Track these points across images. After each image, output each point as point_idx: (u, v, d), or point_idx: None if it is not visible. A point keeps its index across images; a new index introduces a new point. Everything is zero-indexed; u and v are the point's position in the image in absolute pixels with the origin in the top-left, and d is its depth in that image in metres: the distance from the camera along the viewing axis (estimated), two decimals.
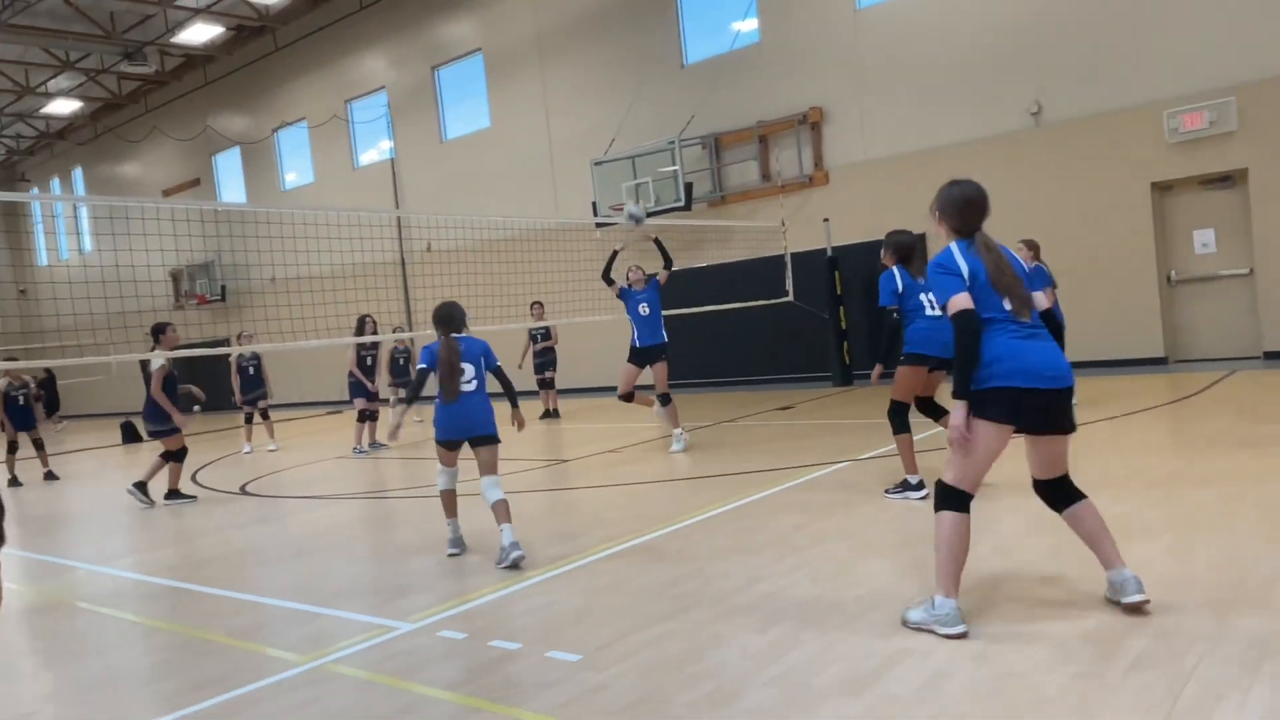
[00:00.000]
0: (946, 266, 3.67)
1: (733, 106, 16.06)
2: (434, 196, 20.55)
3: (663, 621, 4.10)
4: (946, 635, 3.55)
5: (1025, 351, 3.58)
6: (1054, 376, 3.58)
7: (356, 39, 21.96)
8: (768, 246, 15.13)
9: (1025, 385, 3.54)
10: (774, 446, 9.14)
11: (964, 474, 3.66)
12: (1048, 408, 3.61)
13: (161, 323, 9.23)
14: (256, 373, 13.87)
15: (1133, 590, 3.60)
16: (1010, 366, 3.55)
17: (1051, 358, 3.61)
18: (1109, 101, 12.61)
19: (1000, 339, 3.60)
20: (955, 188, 3.84)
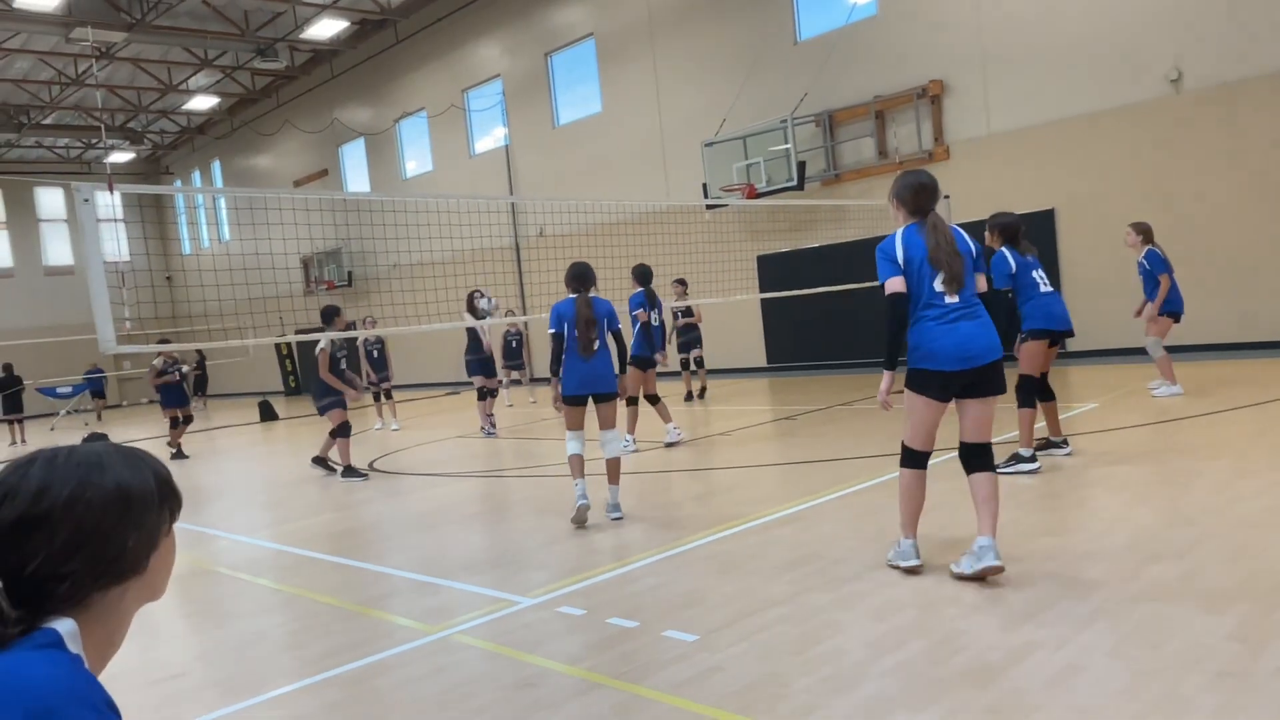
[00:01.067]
0: (886, 252, 4.25)
1: (848, 82, 15.68)
2: (547, 182, 20.88)
3: (779, 605, 4.10)
4: (905, 568, 4.30)
5: (945, 335, 4.10)
6: (969, 358, 4.10)
7: (472, 29, 22.45)
8: (884, 226, 14.73)
9: (942, 369, 4.13)
10: (889, 431, 8.93)
11: (914, 435, 4.34)
12: (970, 382, 4.16)
13: (333, 305, 9.62)
14: (380, 355, 14.45)
15: (987, 557, 4.05)
16: (930, 349, 4.13)
17: (970, 340, 4.10)
18: (1256, 65, 11.71)
19: (925, 323, 4.16)
20: (910, 175, 4.34)
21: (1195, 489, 5.45)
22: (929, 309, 4.16)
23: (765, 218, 16.78)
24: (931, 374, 4.17)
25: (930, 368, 4.15)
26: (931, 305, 4.15)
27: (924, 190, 4.25)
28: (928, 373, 4.18)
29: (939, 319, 4.13)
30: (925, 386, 4.21)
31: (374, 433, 14.13)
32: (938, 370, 4.14)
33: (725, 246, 16.11)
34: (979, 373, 4.13)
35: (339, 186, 27.17)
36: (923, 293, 4.15)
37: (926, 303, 4.16)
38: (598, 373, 6.12)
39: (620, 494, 6.31)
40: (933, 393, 4.21)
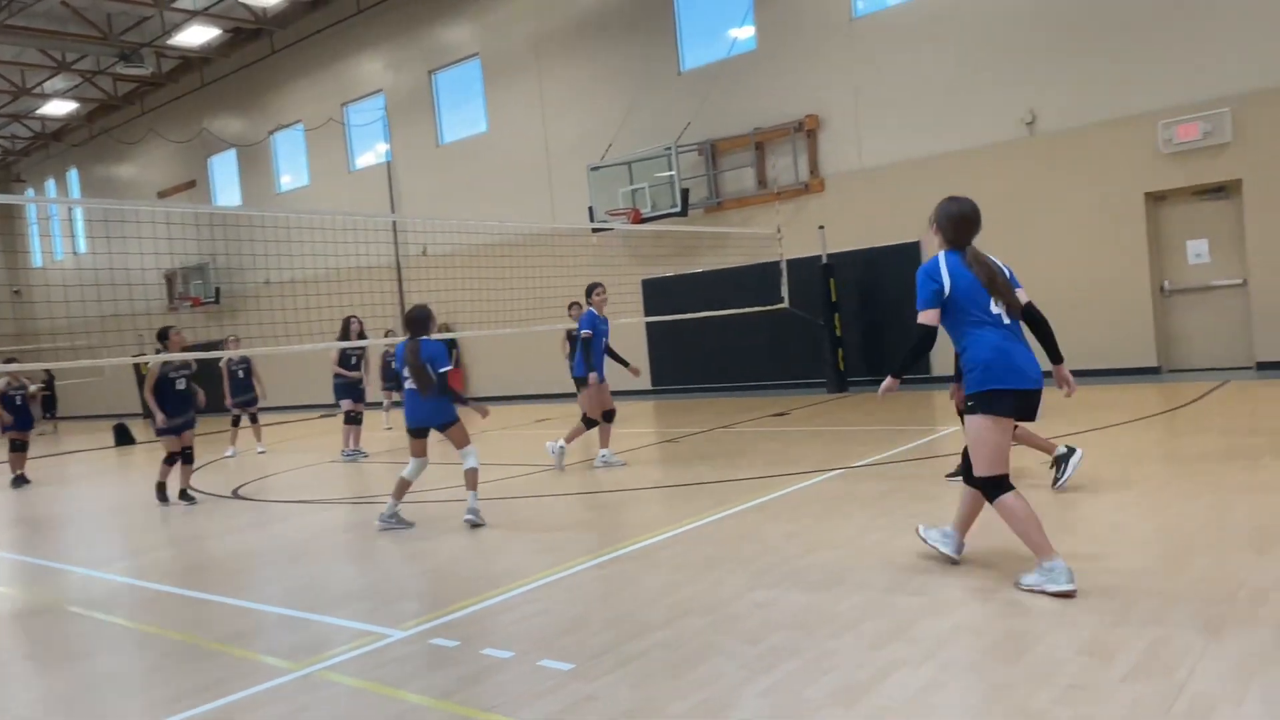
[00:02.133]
0: (931, 275, 4.17)
1: (729, 113, 16.09)
2: (430, 200, 20.54)
3: (655, 630, 4.10)
4: (1056, 592, 3.93)
5: (1012, 354, 4.08)
6: (1038, 378, 4.11)
7: (354, 42, 21.96)
8: (763, 253, 15.15)
9: (1016, 386, 4.06)
10: (768, 454, 9.15)
11: (994, 461, 4.15)
12: (1027, 403, 4.14)
13: (165, 326, 9.41)
14: (246, 376, 13.84)
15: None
16: (1010, 365, 4.05)
17: (1032, 359, 4.15)
18: (1103, 112, 12.66)
19: (991, 340, 4.09)
20: (953, 204, 4.28)
21: (1046, 511, 5.76)
22: (990, 328, 4.08)
23: (650, 243, 16.97)
24: (1012, 393, 4.06)
25: (1013, 386, 4.05)
26: (993, 325, 4.09)
27: (964, 222, 4.22)
28: (1010, 392, 4.06)
29: (1006, 338, 4.09)
30: (1005, 406, 4.09)
31: (227, 459, 13.48)
32: (1019, 389, 4.06)
33: (610, 270, 16.18)
34: (1039, 394, 4.14)
35: (208, 199, 26.02)
36: (980, 312, 4.09)
37: (987, 321, 4.08)
38: (427, 411, 6.88)
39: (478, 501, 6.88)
40: (1011, 412, 4.10)
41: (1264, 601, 3.76)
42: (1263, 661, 3.19)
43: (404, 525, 6.99)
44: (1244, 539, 4.70)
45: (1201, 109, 11.91)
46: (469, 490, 6.88)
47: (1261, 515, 5.12)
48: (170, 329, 9.32)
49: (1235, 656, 3.25)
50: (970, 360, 4.12)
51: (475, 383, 20.67)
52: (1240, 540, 4.68)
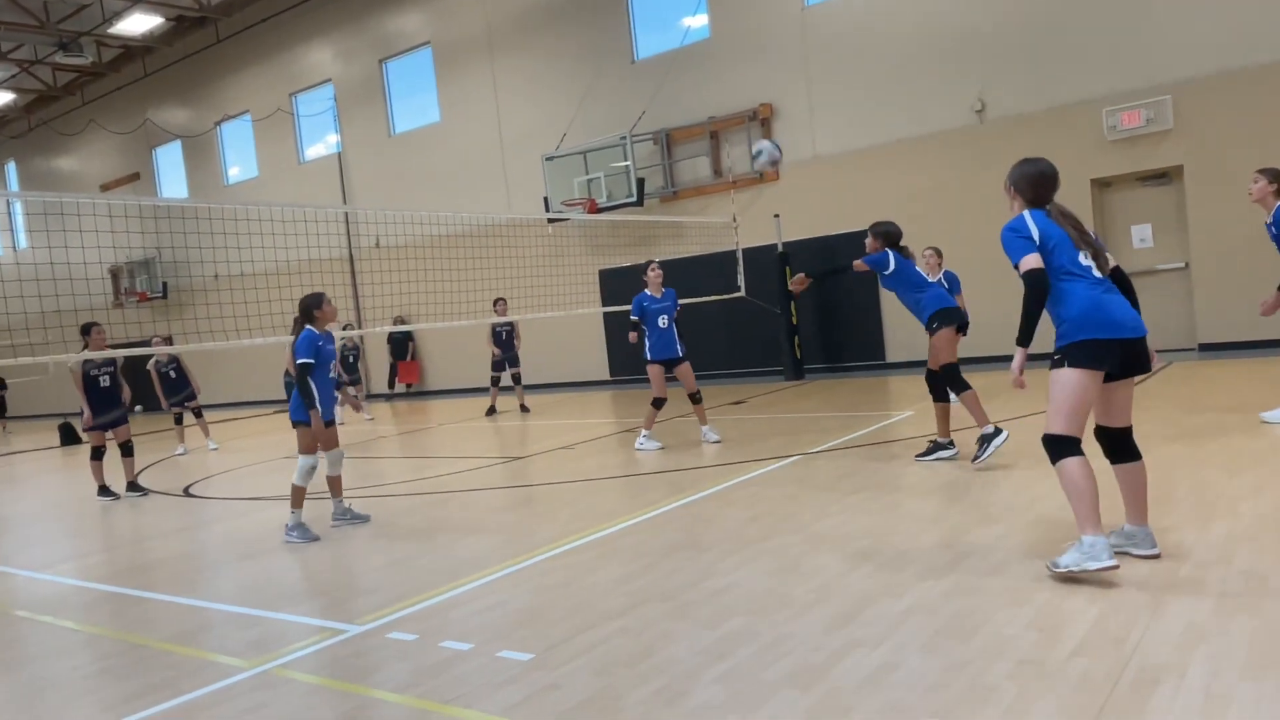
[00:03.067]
0: (1019, 230, 4.06)
1: (684, 102, 16.09)
2: (383, 191, 20.27)
3: (614, 619, 4.10)
4: (1098, 569, 3.77)
5: (1108, 305, 3.93)
6: (1135, 326, 3.94)
7: (301, 31, 21.55)
8: (720, 242, 15.20)
9: (1112, 336, 3.89)
10: (726, 441, 9.19)
11: (1071, 419, 3.91)
12: (1130, 354, 3.94)
13: (88, 322, 9.34)
14: (179, 375, 13.59)
15: (1147, 545, 4.09)
16: (1098, 319, 3.89)
17: (1129, 309, 3.98)
18: (1050, 99, 12.89)
19: (1084, 292, 3.94)
20: (1030, 165, 4.22)
21: (1000, 489, 5.87)
22: (1081, 280, 3.95)
23: (607, 232, 16.93)
24: (1109, 343, 3.87)
25: (1108, 336, 3.86)
26: (1084, 276, 3.96)
27: (1043, 180, 4.14)
28: (1104, 342, 3.87)
29: (1098, 288, 3.95)
30: (1100, 358, 3.88)
31: (178, 457, 13.23)
32: (1117, 339, 3.88)
33: (567, 260, 16.15)
34: (1141, 342, 3.96)
35: (153, 191, 25.40)
36: (1071, 265, 3.96)
37: (1077, 274, 3.96)
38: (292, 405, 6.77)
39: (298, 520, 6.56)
40: (1109, 363, 3.89)
41: (1205, 574, 3.87)
42: (1204, 632, 3.29)
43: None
44: (1187, 515, 4.82)
45: (1144, 96, 12.18)
46: (292, 508, 6.51)
47: (1204, 492, 5.27)
48: (93, 325, 9.26)
49: (1179, 628, 3.34)
50: (1063, 314, 3.98)
51: (431, 376, 20.50)
52: (1184, 516, 4.81)
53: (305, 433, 6.66)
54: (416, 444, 12.28)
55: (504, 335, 14.17)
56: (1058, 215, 4.08)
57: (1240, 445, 6.43)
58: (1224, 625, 3.33)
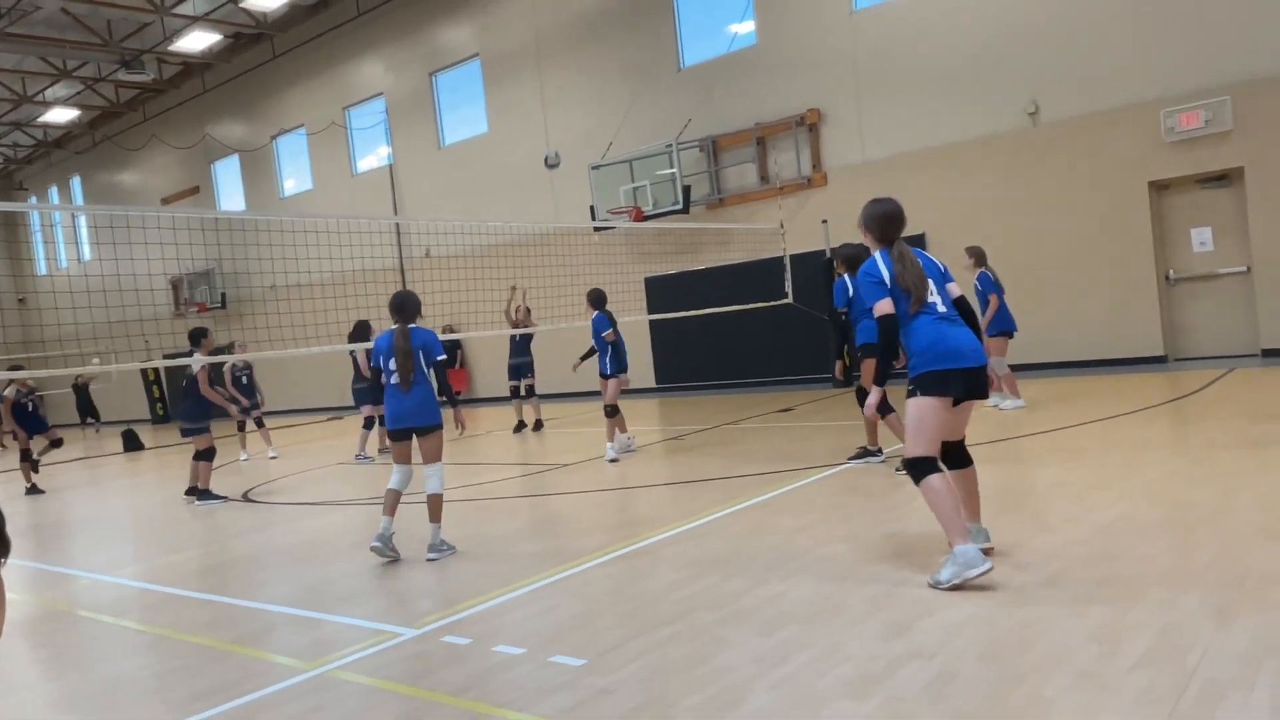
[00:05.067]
0: (871, 275, 4.40)
1: (730, 109, 16.08)
2: (432, 202, 20.57)
3: (666, 625, 4.11)
4: (978, 575, 4.01)
5: (951, 337, 4.25)
6: (975, 356, 4.26)
7: (354, 46, 21.99)
8: (767, 248, 15.16)
9: (955, 366, 4.21)
10: (776, 449, 9.15)
11: (930, 443, 4.26)
12: (972, 381, 4.27)
13: (200, 327, 9.69)
14: (250, 381, 13.91)
15: (981, 539, 4.44)
16: (949, 347, 4.22)
17: (972, 340, 4.30)
18: (1105, 101, 12.64)
19: (929, 326, 4.28)
20: (877, 205, 4.55)
21: (1055, 499, 5.77)
22: (928, 314, 4.29)
23: (652, 240, 16.98)
24: (953, 373, 4.20)
25: (951, 366, 4.20)
26: (929, 311, 4.29)
27: (889, 219, 4.47)
28: (949, 372, 4.20)
29: (943, 320, 4.29)
30: (946, 386, 4.21)
31: (241, 463, 13.53)
32: (959, 369, 4.20)
33: (613, 268, 16.20)
34: (982, 371, 4.29)
35: (212, 204, 26.07)
36: (916, 303, 4.30)
37: (923, 310, 4.29)
38: (413, 407, 6.03)
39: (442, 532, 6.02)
40: (953, 390, 4.22)
41: (1273, 586, 3.76)
42: (1270, 647, 3.20)
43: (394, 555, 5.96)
44: (1253, 525, 4.70)
45: (1202, 97, 11.89)
46: (431, 522, 5.97)
47: (1269, 501, 5.12)
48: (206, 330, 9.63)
49: (1245, 642, 3.25)
50: (913, 347, 4.30)
51: (479, 383, 20.71)
52: (1248, 527, 4.68)
53: (440, 436, 6.14)
54: (465, 450, 12.41)
55: (517, 339, 13.27)
56: (898, 255, 4.37)
57: None
58: None
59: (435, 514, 6.01)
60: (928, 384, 4.23)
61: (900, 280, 4.30)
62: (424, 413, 6.06)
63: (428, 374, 6.13)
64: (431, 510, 6.03)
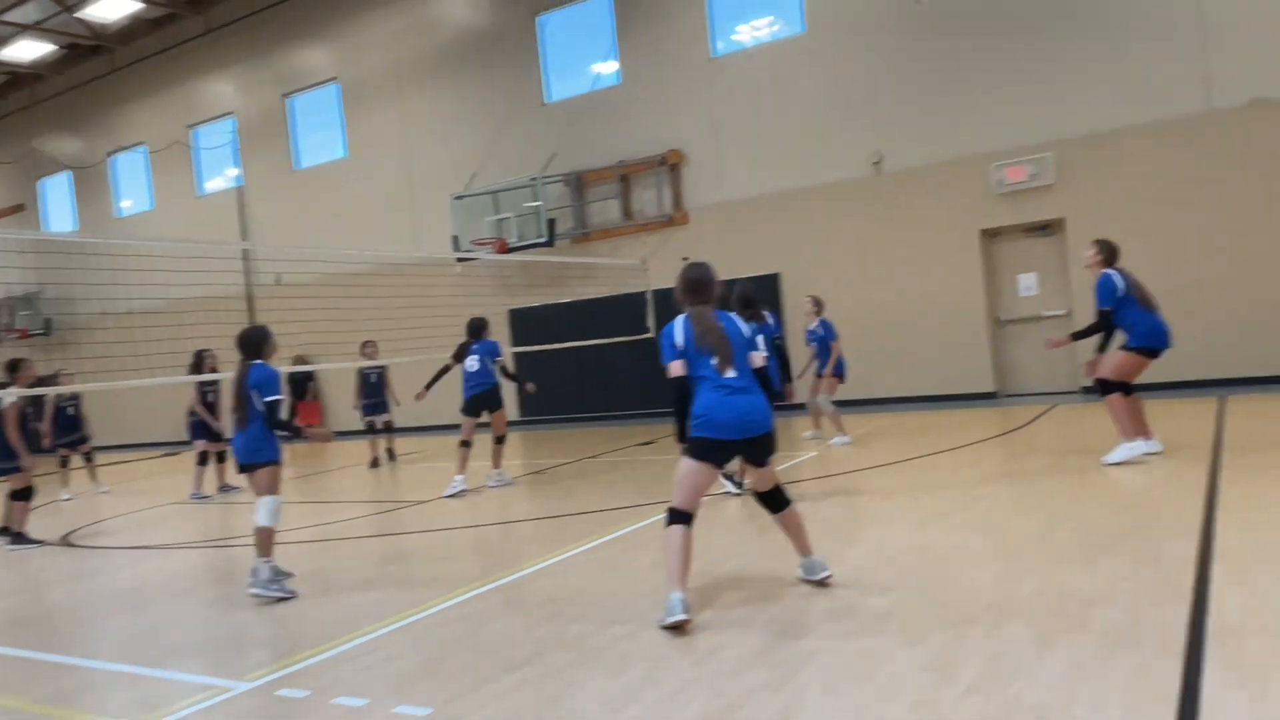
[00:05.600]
0: (668, 336, 4.68)
1: (595, 145, 16.27)
2: (285, 227, 19.79)
3: (516, 669, 4.03)
4: (670, 624, 4.25)
5: (721, 409, 4.49)
6: (746, 428, 4.50)
7: (201, 63, 21.03)
8: (630, 283, 15.33)
9: (722, 438, 4.50)
10: (636, 483, 9.19)
11: (686, 499, 4.55)
12: (744, 449, 4.59)
13: (16, 358, 9.01)
14: (76, 413, 12.92)
15: (819, 569, 4.73)
16: (712, 419, 4.49)
17: (748, 412, 4.51)
18: (942, 154, 13.51)
19: (706, 395, 4.53)
20: (688, 269, 4.85)
21: (894, 530, 6.02)
22: (708, 383, 4.54)
23: (517, 272, 16.89)
24: (711, 442, 4.50)
25: (711, 436, 4.49)
26: (710, 380, 4.54)
27: (690, 285, 4.76)
28: (709, 441, 4.50)
29: (717, 389, 4.52)
30: (704, 453, 4.53)
31: (63, 503, 12.48)
32: (718, 439, 4.49)
33: (477, 300, 15.97)
34: (755, 442, 4.56)
35: (37, 224, 24.21)
36: (702, 368, 4.56)
37: (706, 376, 4.55)
38: (245, 444, 5.97)
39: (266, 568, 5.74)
40: (710, 459, 4.55)
41: (1090, 611, 4.03)
42: (1087, 670, 3.42)
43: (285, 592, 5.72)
44: (1072, 551, 5.04)
45: (1028, 153, 12.89)
46: (259, 557, 5.73)
47: (1086, 529, 5.51)
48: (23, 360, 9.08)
49: (1064, 666, 3.47)
50: (692, 410, 4.57)
51: (336, 417, 19.94)
52: (1068, 552, 5.02)
53: (275, 471, 5.99)
54: (314, 488, 11.89)
55: (373, 379, 13.31)
56: (695, 318, 4.62)
57: (1120, 486, 6.76)
58: (1105, 662, 3.47)
59: (262, 548, 5.80)
60: (693, 447, 4.54)
61: (699, 343, 4.56)
62: (253, 449, 5.96)
63: (262, 412, 5.91)
64: (259, 544, 5.81)
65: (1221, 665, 3.33)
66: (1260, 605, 3.93)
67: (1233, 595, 4.07)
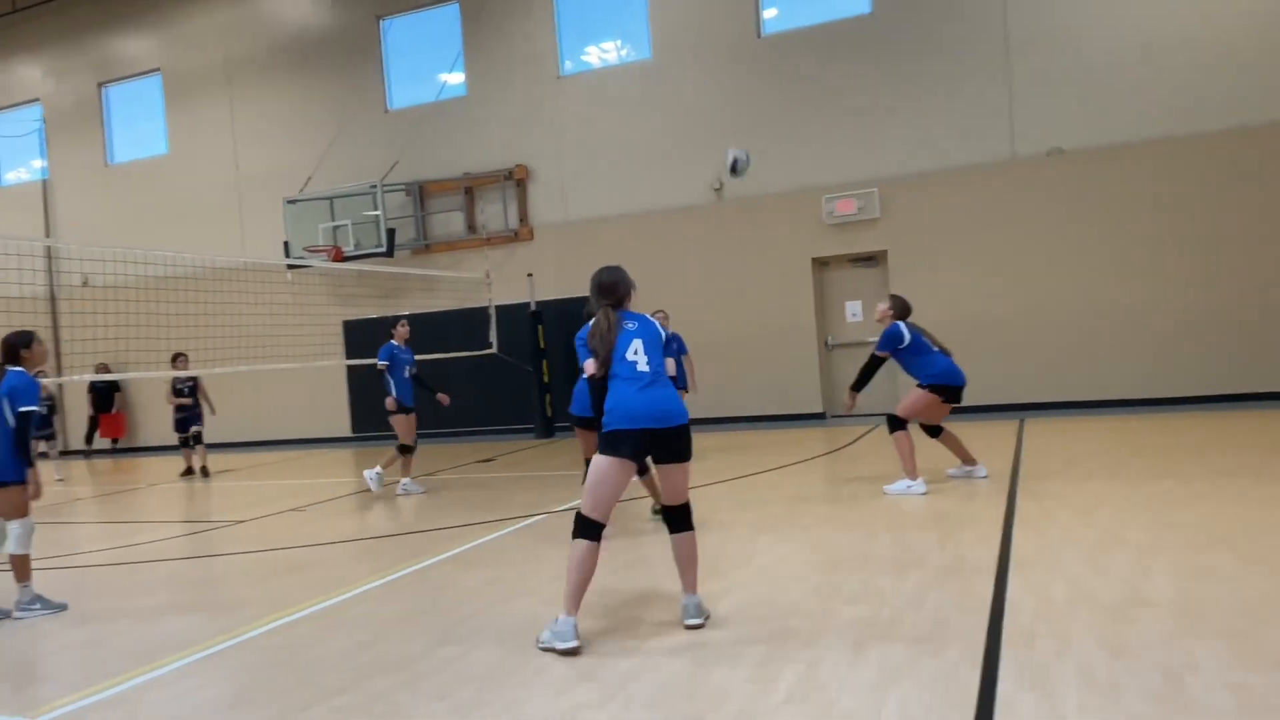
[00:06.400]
0: (581, 338, 4.64)
1: (439, 156, 15.98)
2: (97, 224, 18.32)
3: (339, 694, 3.85)
4: (561, 650, 4.08)
5: (633, 400, 4.36)
6: (661, 418, 4.35)
7: (7, 43, 19.23)
8: (473, 298, 15.11)
9: (636, 427, 4.31)
10: (473, 500, 9.03)
11: (596, 504, 4.32)
12: (655, 443, 4.37)
13: None
14: None
15: (692, 615, 4.40)
16: (626, 410, 4.34)
17: (662, 402, 4.38)
18: (778, 185, 14.10)
19: (619, 389, 4.42)
20: (599, 273, 4.77)
21: (724, 545, 6.19)
22: (621, 375, 4.42)
23: (353, 282, 16.30)
24: (626, 433, 4.30)
25: (626, 427, 4.30)
26: (622, 374, 4.42)
27: (601, 288, 4.69)
28: (622, 432, 4.30)
29: (630, 381, 4.39)
30: (618, 446, 4.30)
31: None
32: (632, 429, 4.29)
33: (309, 309, 15.32)
34: (671, 434, 4.35)
35: None
36: (617, 364, 4.44)
37: (619, 371, 4.43)
38: None
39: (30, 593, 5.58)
40: (625, 451, 4.30)
41: (900, 620, 4.28)
42: (897, 675, 3.62)
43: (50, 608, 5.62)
44: (887, 560, 5.33)
45: (856, 188, 13.65)
46: (21, 581, 5.55)
47: (900, 543, 5.85)
48: None
49: (875, 672, 3.66)
50: (606, 405, 4.46)
51: (145, 431, 18.56)
52: (884, 562, 5.31)
53: (20, 492, 5.56)
54: (121, 507, 11.02)
55: (186, 391, 13.21)
56: (601, 318, 4.56)
57: (929, 503, 7.22)
58: (913, 668, 3.69)
59: (20, 574, 5.58)
60: (604, 442, 4.37)
61: (589, 340, 4.55)
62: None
63: (10, 424, 5.47)
64: (16, 571, 5.58)
65: (1016, 667, 3.61)
66: (1051, 611, 4.28)
67: (1026, 601, 4.42)
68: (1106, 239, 12.57)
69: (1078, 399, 12.70)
